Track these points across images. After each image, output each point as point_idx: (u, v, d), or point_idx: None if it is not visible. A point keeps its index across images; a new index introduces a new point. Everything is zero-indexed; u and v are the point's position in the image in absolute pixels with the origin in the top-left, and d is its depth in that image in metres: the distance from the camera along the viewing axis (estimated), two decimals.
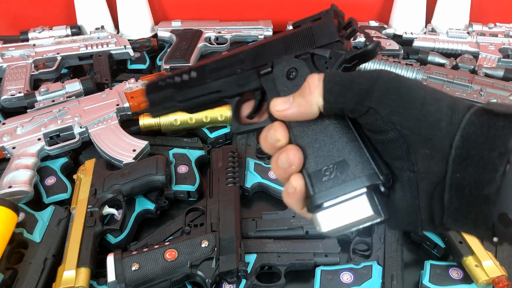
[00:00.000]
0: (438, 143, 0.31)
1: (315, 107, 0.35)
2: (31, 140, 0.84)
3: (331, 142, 0.36)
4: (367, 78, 0.33)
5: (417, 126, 0.32)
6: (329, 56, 0.39)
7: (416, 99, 0.32)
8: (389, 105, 0.32)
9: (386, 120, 0.32)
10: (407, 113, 0.32)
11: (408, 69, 1.01)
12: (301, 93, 0.36)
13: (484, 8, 1.28)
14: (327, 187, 0.35)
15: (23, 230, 0.69)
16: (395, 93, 0.32)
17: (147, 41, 1.17)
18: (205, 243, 0.65)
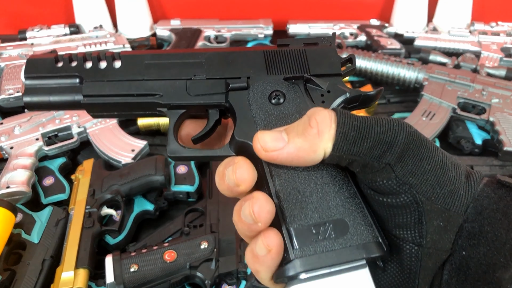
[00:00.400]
0: (455, 214, 0.27)
1: (321, 154, 0.27)
2: (29, 140, 0.83)
3: (326, 193, 0.28)
4: (387, 127, 0.27)
5: (435, 192, 0.27)
6: (327, 89, 0.32)
7: (436, 161, 0.28)
8: (408, 163, 0.27)
9: (401, 181, 0.27)
10: (426, 176, 0.27)
11: (409, 68, 1.00)
12: (302, 132, 0.28)
13: (486, 7, 1.27)
14: (315, 251, 0.27)
15: (21, 231, 0.68)
16: (416, 150, 0.28)
17: (146, 40, 1.16)
18: (204, 244, 0.65)
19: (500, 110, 0.90)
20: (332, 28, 1.24)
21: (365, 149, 0.27)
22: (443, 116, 0.91)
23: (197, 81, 0.33)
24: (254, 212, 0.27)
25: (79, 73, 0.34)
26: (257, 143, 0.29)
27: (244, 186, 0.29)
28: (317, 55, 0.33)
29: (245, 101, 0.32)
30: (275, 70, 0.33)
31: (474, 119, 0.91)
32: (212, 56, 0.34)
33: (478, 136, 0.90)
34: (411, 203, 0.28)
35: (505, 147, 0.84)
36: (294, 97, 0.32)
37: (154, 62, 0.34)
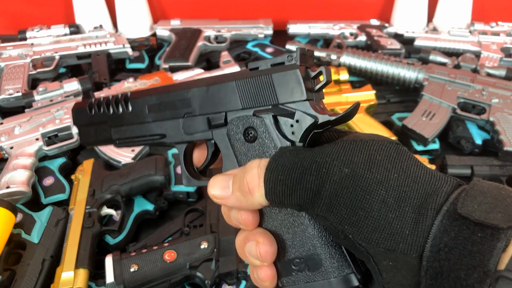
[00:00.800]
0: (402, 255, 0.26)
1: (257, 205, 0.30)
2: (29, 140, 0.83)
3: (301, 229, 0.31)
4: (315, 174, 0.28)
5: (373, 238, 0.26)
6: (295, 119, 0.31)
7: (373, 203, 0.26)
8: (340, 212, 0.27)
9: (338, 229, 0.27)
10: (361, 223, 0.27)
11: (409, 68, 1.00)
12: (240, 187, 0.30)
13: (486, 7, 1.27)
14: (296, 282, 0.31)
15: (21, 231, 0.68)
16: (347, 196, 0.27)
17: (146, 40, 1.16)
18: (204, 244, 0.64)
19: (500, 110, 0.90)
20: (332, 28, 1.24)
21: (293, 201, 0.28)
22: (443, 116, 0.91)
23: (188, 119, 0.35)
24: (261, 254, 0.31)
25: (106, 120, 0.39)
26: (209, 190, 0.32)
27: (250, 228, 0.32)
28: (282, 79, 0.31)
29: (225, 138, 0.34)
30: (247, 102, 0.33)
31: (474, 119, 0.91)
32: (195, 93, 0.35)
33: (478, 136, 0.90)
34: (352, 247, 0.28)
35: (505, 147, 0.84)
36: (264, 133, 0.32)
37: (153, 104, 0.36)
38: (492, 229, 0.24)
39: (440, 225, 0.25)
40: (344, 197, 0.27)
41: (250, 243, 0.31)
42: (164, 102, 0.36)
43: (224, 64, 1.05)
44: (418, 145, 0.90)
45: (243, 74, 0.33)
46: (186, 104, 0.35)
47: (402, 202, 0.26)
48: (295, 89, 0.31)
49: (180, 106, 0.35)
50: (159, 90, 0.37)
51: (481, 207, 0.25)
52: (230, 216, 0.33)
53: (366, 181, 0.27)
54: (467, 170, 0.84)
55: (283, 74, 0.31)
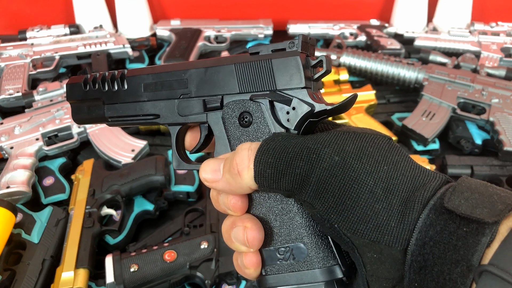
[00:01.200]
0: (387, 247, 0.26)
1: (247, 189, 0.30)
2: (29, 140, 0.83)
3: (289, 217, 0.30)
4: (305, 159, 0.27)
5: (359, 228, 0.26)
6: (292, 106, 0.31)
7: (361, 193, 0.26)
8: (327, 200, 0.27)
9: (324, 218, 0.27)
10: (347, 213, 0.26)
11: (409, 68, 1.00)
12: (230, 169, 0.30)
13: (486, 7, 1.27)
14: (280, 271, 0.31)
15: (21, 231, 0.68)
16: (335, 185, 0.27)
17: (146, 40, 1.16)
18: (204, 244, 0.65)
19: (500, 110, 0.90)
20: (332, 28, 1.24)
21: (282, 185, 0.28)
22: (443, 116, 0.91)
23: (184, 101, 0.35)
24: (248, 239, 0.30)
25: (100, 96, 0.38)
26: (201, 173, 0.32)
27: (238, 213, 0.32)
28: (282, 65, 0.31)
29: (220, 122, 0.33)
30: (245, 87, 0.32)
31: (474, 119, 0.91)
32: (193, 74, 0.34)
33: (478, 136, 0.90)
34: (339, 237, 0.28)
35: (505, 147, 0.84)
36: (259, 118, 0.32)
37: (150, 83, 0.36)
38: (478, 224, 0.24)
39: (426, 219, 0.25)
40: (332, 185, 0.27)
41: (237, 228, 0.31)
42: (160, 81, 0.35)
43: None
44: (418, 145, 0.90)
45: (243, 57, 0.33)
46: (182, 85, 0.35)
47: (390, 194, 0.26)
48: (294, 76, 0.31)
49: (177, 86, 0.35)
50: (156, 69, 0.36)
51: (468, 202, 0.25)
52: (218, 200, 0.32)
53: (355, 171, 0.27)
54: (467, 170, 0.84)
55: (283, 60, 0.31)
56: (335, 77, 1.01)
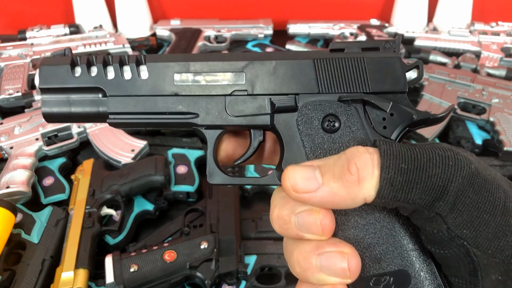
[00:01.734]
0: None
1: (359, 202, 0.24)
2: (29, 140, 0.83)
3: (387, 240, 0.26)
4: (441, 168, 0.23)
5: (492, 245, 0.23)
6: (390, 112, 0.27)
7: (496, 206, 0.24)
8: (462, 213, 0.23)
9: (453, 234, 0.24)
10: (483, 227, 0.23)
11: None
12: (340, 176, 0.24)
13: (486, 7, 1.27)
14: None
15: (21, 231, 0.68)
16: (473, 197, 0.24)
17: (146, 40, 1.16)
18: (204, 244, 0.64)
19: (500, 110, 0.90)
20: (332, 28, 1.23)
21: (414, 196, 0.24)
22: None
23: (237, 98, 0.29)
24: (350, 269, 0.25)
25: (101, 86, 0.29)
26: (286, 181, 0.25)
27: (328, 236, 0.26)
28: (378, 66, 0.28)
29: (293, 126, 0.28)
30: (328, 86, 0.28)
31: (474, 119, 0.91)
32: (254, 67, 0.28)
33: (478, 136, 0.90)
34: (464, 256, 0.24)
35: (505, 147, 0.83)
36: (350, 123, 0.27)
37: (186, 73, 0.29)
38: None
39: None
40: (470, 197, 0.23)
41: (329, 254, 0.25)
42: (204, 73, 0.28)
43: None
44: None
45: (323, 53, 0.29)
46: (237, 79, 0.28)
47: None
48: (394, 79, 0.27)
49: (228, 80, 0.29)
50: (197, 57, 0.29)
51: None
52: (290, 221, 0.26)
53: (488, 182, 0.24)
54: None
55: (380, 59, 0.28)
56: None
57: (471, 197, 0.24)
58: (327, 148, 0.27)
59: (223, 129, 0.30)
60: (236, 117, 0.29)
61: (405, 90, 0.28)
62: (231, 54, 0.30)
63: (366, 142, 0.27)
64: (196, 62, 0.29)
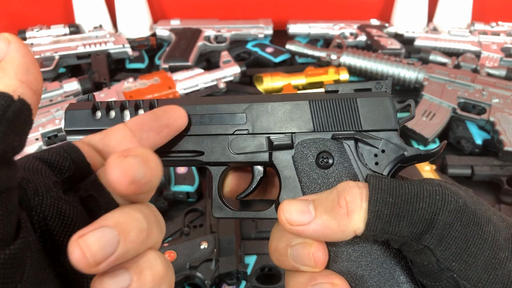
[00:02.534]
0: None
1: (350, 233, 0.26)
2: (28, 140, 0.83)
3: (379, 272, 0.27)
4: (428, 202, 0.24)
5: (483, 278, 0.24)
6: (381, 148, 0.29)
7: (485, 240, 0.24)
8: (451, 246, 0.24)
9: (442, 266, 0.24)
10: (472, 260, 0.24)
11: (409, 68, 1.00)
12: (331, 210, 0.26)
13: (486, 7, 1.27)
14: None
15: None
16: (461, 230, 0.24)
17: (146, 40, 1.16)
18: (204, 245, 0.64)
19: (500, 110, 0.90)
20: (332, 28, 1.23)
21: (401, 229, 0.25)
22: (443, 116, 0.91)
23: (239, 137, 0.31)
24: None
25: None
26: (282, 215, 0.26)
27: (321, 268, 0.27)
28: (369, 105, 0.29)
29: (290, 162, 0.30)
30: (322, 125, 0.30)
31: (474, 119, 0.91)
32: (253, 108, 0.31)
33: (478, 136, 0.90)
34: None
35: (505, 147, 0.83)
36: (343, 159, 0.29)
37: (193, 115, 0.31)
38: None
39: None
40: (457, 230, 0.24)
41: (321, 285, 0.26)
42: (209, 115, 0.31)
43: (224, 64, 1.05)
44: (418, 145, 0.90)
45: (318, 95, 0.31)
46: (239, 120, 0.31)
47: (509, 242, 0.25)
48: (385, 117, 0.29)
49: (231, 121, 0.31)
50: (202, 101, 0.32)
51: None
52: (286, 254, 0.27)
53: (477, 216, 0.25)
54: (467, 170, 0.84)
55: (371, 100, 0.30)
56: (335, 77, 1.01)
57: (459, 230, 0.24)
58: (321, 183, 0.29)
59: (227, 166, 0.32)
60: (238, 154, 0.31)
61: (396, 128, 0.29)
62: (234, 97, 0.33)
63: (358, 177, 0.29)
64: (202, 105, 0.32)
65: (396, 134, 0.29)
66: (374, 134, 0.29)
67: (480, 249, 0.24)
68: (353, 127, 0.30)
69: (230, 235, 0.66)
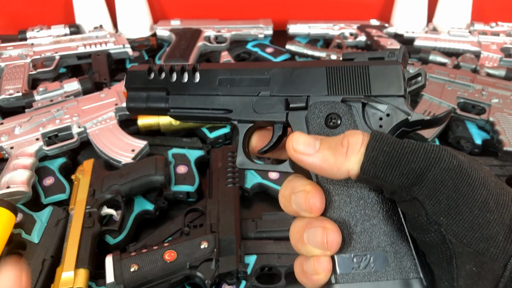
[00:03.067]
0: (490, 261, 0.25)
1: (344, 172, 0.28)
2: (29, 140, 0.83)
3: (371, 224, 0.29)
4: (422, 157, 0.26)
5: (468, 235, 0.25)
6: (386, 112, 0.31)
7: (475, 200, 0.26)
8: (440, 201, 0.26)
9: (431, 220, 0.26)
10: (460, 217, 0.26)
11: (409, 69, 1.00)
12: (333, 147, 0.28)
13: (486, 7, 1.27)
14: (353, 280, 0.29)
15: (21, 231, 0.68)
16: (452, 188, 0.26)
17: (146, 40, 1.16)
18: (204, 244, 0.65)
19: (500, 110, 0.90)
20: (332, 28, 1.24)
21: (392, 177, 0.26)
22: None
23: (262, 98, 0.35)
24: (327, 241, 0.28)
25: (166, 86, 0.38)
26: (290, 142, 0.30)
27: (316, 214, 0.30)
28: (380, 73, 0.32)
29: (303, 121, 0.33)
30: (335, 90, 0.32)
31: (474, 119, 0.91)
32: (277, 73, 0.35)
33: (478, 136, 0.90)
34: (441, 242, 0.26)
35: (505, 147, 0.84)
36: (349, 121, 0.31)
37: (226, 78, 0.36)
38: None
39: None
40: (449, 187, 0.26)
41: (314, 229, 0.29)
42: (239, 78, 0.36)
43: None
44: None
45: (336, 61, 0.34)
46: (263, 83, 0.35)
47: (501, 207, 0.26)
48: (393, 84, 0.31)
49: (257, 84, 0.35)
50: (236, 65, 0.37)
51: None
52: (290, 199, 0.30)
53: (471, 177, 0.26)
54: None
55: (382, 67, 0.32)
56: None
57: (450, 188, 0.26)
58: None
59: (252, 124, 0.36)
60: (260, 114, 0.35)
61: (403, 94, 0.31)
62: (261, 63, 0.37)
63: None
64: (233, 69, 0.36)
65: (404, 100, 0.31)
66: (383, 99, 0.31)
67: (469, 209, 0.26)
68: (363, 92, 0.32)
69: (230, 235, 0.67)
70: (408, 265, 0.28)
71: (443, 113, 0.30)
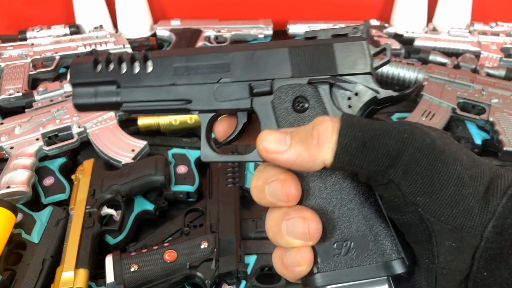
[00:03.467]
0: (468, 235, 0.25)
1: (320, 163, 0.27)
2: (29, 140, 0.83)
3: (349, 208, 0.29)
4: (395, 138, 0.26)
5: (446, 212, 0.25)
6: (354, 92, 0.30)
7: (450, 177, 0.26)
8: (416, 181, 0.26)
9: (408, 200, 0.26)
10: (436, 196, 0.26)
11: (409, 69, 1.00)
12: (304, 140, 0.27)
13: (486, 7, 1.27)
14: (336, 267, 0.28)
15: (21, 231, 0.68)
16: (427, 166, 0.26)
17: (146, 40, 1.16)
18: (204, 244, 0.65)
19: (499, 110, 0.90)
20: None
21: (367, 163, 0.26)
22: (442, 116, 0.91)
23: (223, 85, 0.32)
24: (309, 231, 0.28)
25: (115, 79, 0.34)
26: (260, 143, 0.28)
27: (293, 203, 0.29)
28: (345, 50, 0.30)
29: (269, 108, 0.31)
30: (300, 71, 0.31)
31: (474, 119, 0.91)
32: (237, 56, 0.32)
33: (477, 136, 0.90)
34: (419, 222, 0.26)
35: (504, 147, 0.84)
36: (318, 104, 0.30)
37: (182, 65, 0.33)
38: None
39: (505, 207, 0.25)
40: (423, 166, 0.25)
41: (293, 219, 0.28)
42: (196, 64, 0.33)
43: None
44: None
45: (297, 42, 0.32)
46: (223, 69, 0.32)
47: (475, 180, 0.26)
48: (359, 61, 0.30)
49: (216, 70, 0.32)
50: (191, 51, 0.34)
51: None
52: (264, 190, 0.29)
53: (444, 154, 0.26)
54: None
55: (347, 44, 0.30)
56: None
57: (425, 166, 0.26)
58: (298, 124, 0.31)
59: (214, 113, 0.34)
60: (222, 102, 0.33)
61: (370, 71, 0.30)
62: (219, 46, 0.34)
63: None
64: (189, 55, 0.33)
65: (371, 77, 0.30)
66: (349, 78, 0.30)
67: (444, 186, 0.26)
68: (329, 72, 0.30)
69: (230, 235, 0.67)
70: (389, 246, 0.28)
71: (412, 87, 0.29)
